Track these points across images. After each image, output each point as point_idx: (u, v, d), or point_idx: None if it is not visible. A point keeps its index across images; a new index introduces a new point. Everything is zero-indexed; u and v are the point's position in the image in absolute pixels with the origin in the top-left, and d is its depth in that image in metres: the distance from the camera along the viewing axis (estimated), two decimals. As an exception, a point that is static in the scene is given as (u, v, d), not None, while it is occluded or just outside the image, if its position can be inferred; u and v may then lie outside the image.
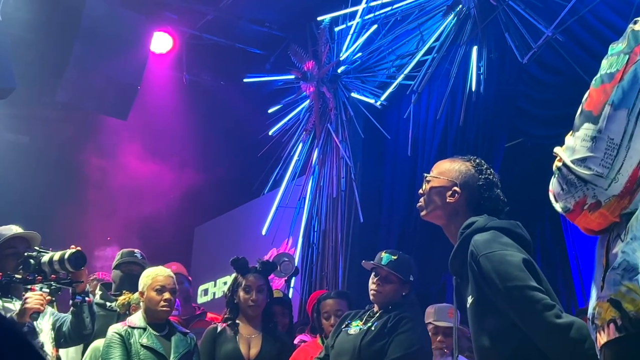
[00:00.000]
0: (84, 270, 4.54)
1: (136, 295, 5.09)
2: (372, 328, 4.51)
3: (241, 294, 5.04)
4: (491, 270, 2.76)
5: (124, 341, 4.68)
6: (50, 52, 8.36)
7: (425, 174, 3.25)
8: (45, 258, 4.39)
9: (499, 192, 3.11)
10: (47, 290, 4.38)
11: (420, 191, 3.23)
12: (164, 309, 4.82)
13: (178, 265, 7.15)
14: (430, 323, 4.99)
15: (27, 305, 4.25)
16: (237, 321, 5.05)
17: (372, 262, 4.73)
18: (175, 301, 5.09)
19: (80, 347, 5.18)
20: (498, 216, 3.03)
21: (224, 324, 5.06)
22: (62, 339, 4.66)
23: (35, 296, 4.30)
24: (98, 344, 4.91)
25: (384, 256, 4.70)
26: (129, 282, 5.33)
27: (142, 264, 5.50)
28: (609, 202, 1.83)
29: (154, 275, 4.90)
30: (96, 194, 9.37)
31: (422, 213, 3.21)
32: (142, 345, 4.67)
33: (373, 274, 4.70)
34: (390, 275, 4.62)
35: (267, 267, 5.29)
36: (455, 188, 3.10)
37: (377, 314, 4.61)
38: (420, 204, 3.21)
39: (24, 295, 4.35)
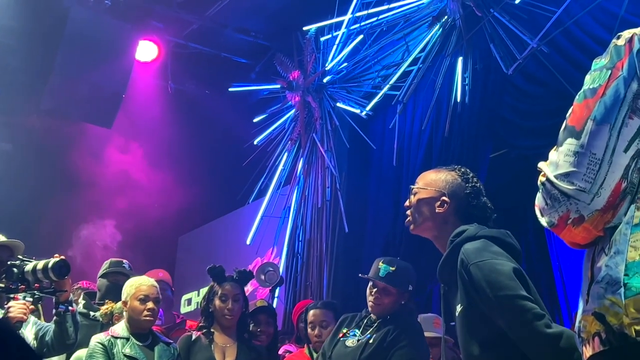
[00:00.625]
0: (68, 279, 4.51)
1: (119, 304, 5.06)
2: (371, 341, 4.47)
3: (217, 302, 5.02)
4: (482, 278, 2.75)
5: (107, 351, 4.65)
6: (35, 60, 8.33)
7: (412, 186, 3.21)
8: (29, 267, 4.36)
9: (485, 200, 3.10)
10: (31, 300, 4.35)
11: (407, 204, 3.20)
12: (147, 318, 4.80)
13: (164, 273, 7.15)
14: None
15: (10, 315, 4.22)
16: (212, 330, 5.03)
17: (367, 275, 4.68)
18: (158, 311, 5.06)
19: (63, 357, 5.14)
20: (487, 224, 3.02)
21: (199, 332, 5.04)
22: (45, 349, 4.62)
23: (18, 305, 4.27)
24: (81, 353, 4.87)
25: (382, 267, 4.63)
26: (114, 292, 5.30)
27: (129, 275, 5.47)
28: (592, 217, 1.84)
29: (138, 285, 4.88)
30: (79, 202, 9.32)
31: (412, 227, 3.17)
32: (125, 355, 4.65)
33: (371, 284, 4.66)
34: (388, 288, 4.58)
35: (243, 276, 5.26)
36: (444, 198, 3.07)
37: (376, 325, 4.57)
38: (408, 218, 3.18)
39: (6, 304, 4.32)
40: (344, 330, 4.67)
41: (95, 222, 9.32)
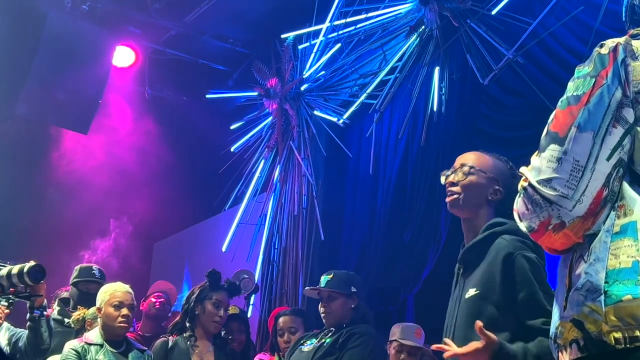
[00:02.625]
0: (43, 284, 4.49)
1: (91, 310, 5.06)
2: (324, 344, 4.58)
3: (209, 307, 5.01)
4: (529, 270, 2.81)
5: (80, 357, 4.63)
6: (11, 65, 8.26)
7: (469, 164, 3.14)
8: (3, 271, 4.33)
9: None
10: (6, 304, 4.33)
11: (453, 179, 3.13)
12: (122, 325, 4.79)
13: (172, 287, 7.17)
14: (395, 340, 5.03)
15: None
16: (195, 334, 5.02)
17: (311, 287, 5.02)
18: (133, 317, 5.05)
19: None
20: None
21: (175, 336, 5.02)
22: (18, 355, 4.60)
23: None
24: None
25: (322, 279, 4.93)
26: (86, 299, 5.28)
27: (100, 282, 5.45)
28: (573, 223, 1.86)
29: (112, 291, 4.87)
30: (54, 209, 9.25)
31: (455, 205, 3.11)
32: (98, 362, 4.63)
33: (320, 299, 4.83)
34: (331, 294, 4.80)
35: (233, 288, 5.31)
36: (498, 187, 3.06)
37: (332, 332, 4.68)
38: (455, 196, 3.10)
39: None
40: (302, 341, 4.80)
41: (67, 229, 9.26)
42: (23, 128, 8.98)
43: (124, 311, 4.79)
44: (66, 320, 5.30)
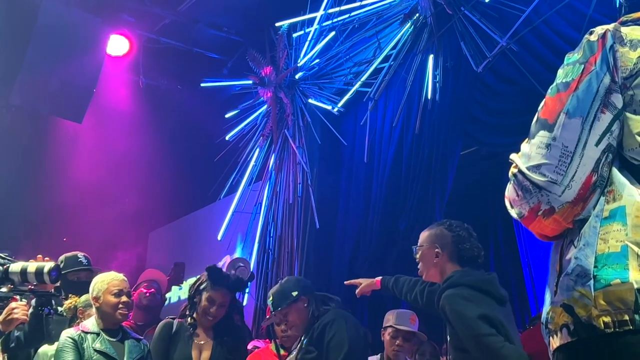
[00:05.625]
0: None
1: (83, 298, 5.05)
2: (304, 345, 4.59)
3: (204, 301, 4.99)
4: (454, 319, 3.53)
5: (77, 346, 4.64)
6: (5, 55, 8.24)
7: (414, 246, 3.97)
8: (16, 268, 4.28)
9: (472, 242, 3.85)
10: (26, 301, 4.32)
11: (417, 259, 3.96)
12: (122, 312, 4.79)
13: (161, 276, 7.14)
14: (390, 326, 5.07)
15: (15, 316, 4.18)
16: (195, 322, 5.02)
17: (267, 319, 4.96)
18: (132, 304, 5.06)
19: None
20: (477, 262, 3.81)
21: (180, 320, 5.02)
22: (12, 343, 4.59)
23: (21, 306, 4.24)
24: (46, 349, 4.84)
25: (269, 303, 4.83)
26: (77, 289, 5.26)
27: (89, 269, 5.44)
28: (562, 209, 1.87)
29: (110, 280, 4.86)
30: (49, 198, 9.25)
31: (423, 277, 3.95)
32: (95, 350, 4.63)
33: (278, 324, 4.84)
34: (280, 314, 4.72)
35: (237, 284, 5.25)
36: (437, 250, 3.82)
37: (305, 334, 4.67)
38: (419, 271, 3.94)
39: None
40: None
41: (63, 219, 9.26)
42: (17, 118, 8.97)
43: (124, 298, 4.79)
44: (59, 309, 5.28)
